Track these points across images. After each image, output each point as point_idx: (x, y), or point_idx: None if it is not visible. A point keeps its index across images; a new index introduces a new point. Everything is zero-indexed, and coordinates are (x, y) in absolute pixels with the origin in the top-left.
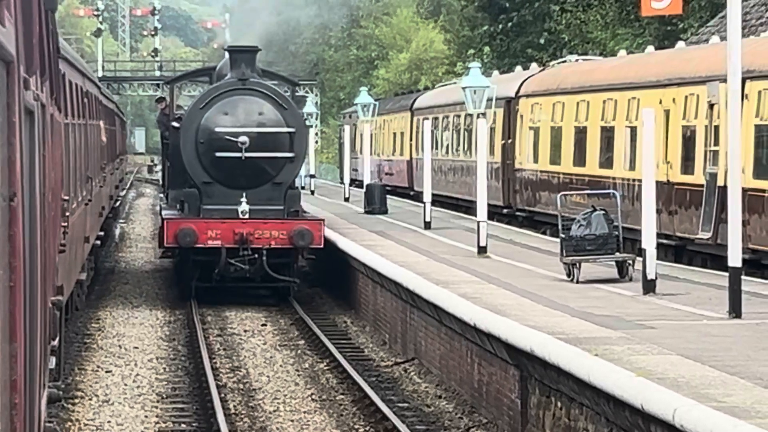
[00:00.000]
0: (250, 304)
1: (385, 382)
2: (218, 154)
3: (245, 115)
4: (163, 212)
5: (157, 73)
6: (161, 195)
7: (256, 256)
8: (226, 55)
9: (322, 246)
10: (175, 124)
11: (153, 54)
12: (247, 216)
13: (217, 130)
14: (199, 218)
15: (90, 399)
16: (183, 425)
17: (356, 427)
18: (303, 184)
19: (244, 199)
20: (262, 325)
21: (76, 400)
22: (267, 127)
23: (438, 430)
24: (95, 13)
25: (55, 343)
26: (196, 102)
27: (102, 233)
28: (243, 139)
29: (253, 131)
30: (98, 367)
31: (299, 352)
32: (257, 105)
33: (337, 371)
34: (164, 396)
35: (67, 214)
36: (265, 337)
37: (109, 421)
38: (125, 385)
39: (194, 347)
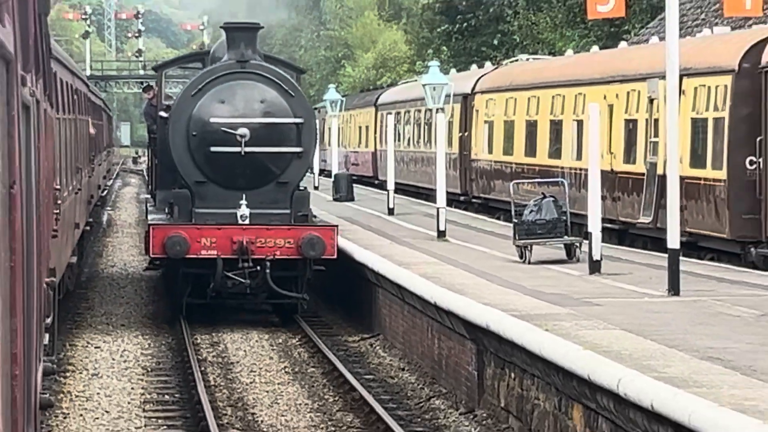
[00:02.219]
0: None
1: (353, 356)
2: (213, 149)
3: (245, 103)
4: (149, 217)
5: (141, 72)
6: (147, 195)
7: (258, 268)
8: (223, 35)
9: (335, 257)
10: (163, 114)
11: (137, 54)
12: (247, 221)
13: (212, 120)
14: (191, 224)
15: (81, 372)
16: (167, 396)
17: (326, 397)
18: None
19: (243, 202)
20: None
21: (68, 374)
22: (270, 118)
23: (401, 400)
24: (83, 16)
25: (49, 320)
26: (187, 88)
27: (91, 220)
28: (242, 131)
29: (254, 122)
30: (88, 343)
31: (273, 329)
32: (259, 91)
33: (308, 346)
34: (149, 369)
35: (59, 202)
36: (243, 315)
37: (98, 393)
38: (113, 359)
39: (176, 325)
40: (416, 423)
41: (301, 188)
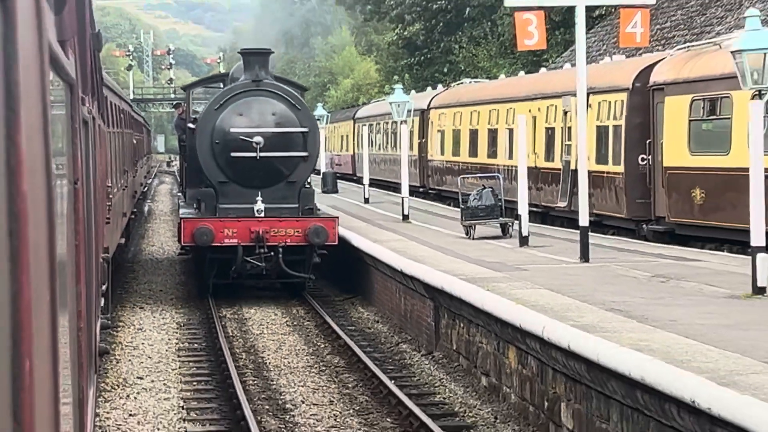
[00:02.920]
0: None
1: (338, 312)
2: (233, 154)
3: (259, 115)
4: (180, 211)
5: (172, 95)
6: (179, 194)
7: (272, 253)
8: (240, 59)
9: (336, 243)
10: (191, 125)
11: (169, 82)
12: (262, 214)
13: (232, 130)
14: (216, 217)
15: (129, 327)
16: (195, 345)
17: (318, 343)
18: None
19: (259, 198)
20: None
21: (119, 328)
22: (281, 127)
23: (376, 345)
24: (127, 53)
25: (104, 287)
26: (211, 103)
27: (135, 210)
28: (258, 139)
29: (267, 131)
30: (134, 305)
31: (278, 293)
32: (271, 105)
33: (305, 304)
34: (182, 324)
35: (111, 196)
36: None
37: (142, 343)
38: (153, 317)
39: (205, 301)
40: (388, 362)
41: (307, 186)
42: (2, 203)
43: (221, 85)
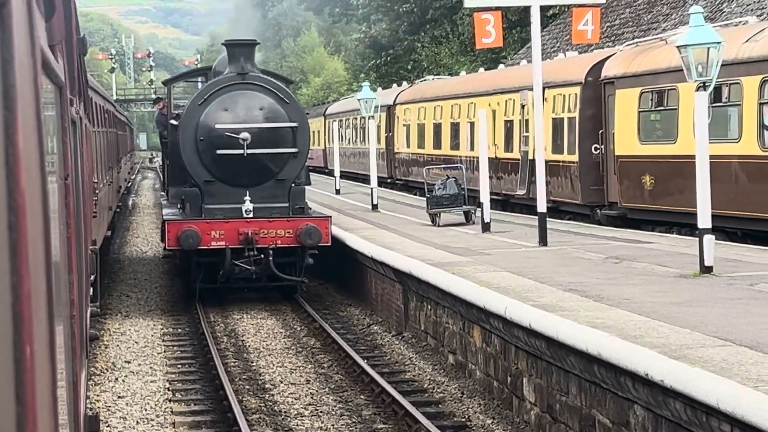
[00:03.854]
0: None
1: (313, 297)
2: (219, 151)
3: (246, 110)
4: (164, 212)
5: (153, 96)
6: (161, 192)
7: (262, 255)
8: (224, 51)
9: (329, 244)
10: (173, 121)
11: (149, 83)
12: (251, 215)
13: (217, 126)
14: (202, 218)
15: (116, 314)
16: (179, 330)
17: (294, 326)
18: None
19: (247, 198)
20: None
21: (107, 316)
22: (269, 122)
23: (349, 327)
24: (110, 57)
25: (93, 277)
26: (194, 98)
27: (120, 204)
28: (244, 135)
29: (254, 127)
30: (121, 293)
31: (267, 294)
32: (258, 100)
33: (281, 289)
34: (166, 311)
35: (97, 191)
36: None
37: (129, 329)
38: (139, 304)
39: (189, 295)
40: (361, 343)
41: (297, 183)
42: (2, 198)
43: (203, 80)
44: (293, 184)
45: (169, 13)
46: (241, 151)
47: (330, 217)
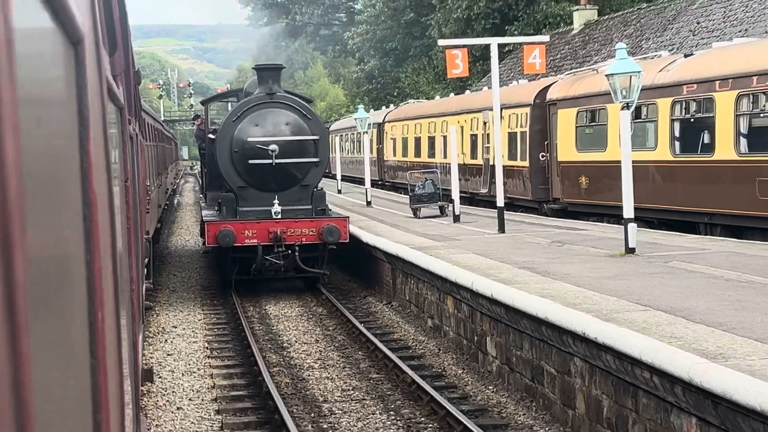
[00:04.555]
0: None
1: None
2: (251, 161)
3: (273, 125)
4: (204, 213)
5: (192, 116)
6: (200, 195)
7: (289, 251)
8: (254, 75)
9: (347, 241)
10: (211, 136)
11: (189, 107)
12: (279, 216)
13: (250, 139)
14: (237, 220)
15: (165, 289)
16: (215, 301)
17: (305, 297)
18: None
19: (276, 201)
20: None
21: (158, 290)
22: (294, 136)
23: (349, 298)
24: (158, 86)
25: (147, 260)
26: (229, 115)
27: (167, 203)
28: (273, 147)
29: (281, 140)
30: (168, 273)
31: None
32: (284, 116)
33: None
34: (205, 286)
35: (149, 192)
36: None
37: (176, 301)
38: (183, 281)
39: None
40: (358, 310)
41: (318, 189)
42: (78, 195)
43: (235, 100)
44: (315, 189)
45: (205, 52)
46: (270, 161)
47: (348, 217)
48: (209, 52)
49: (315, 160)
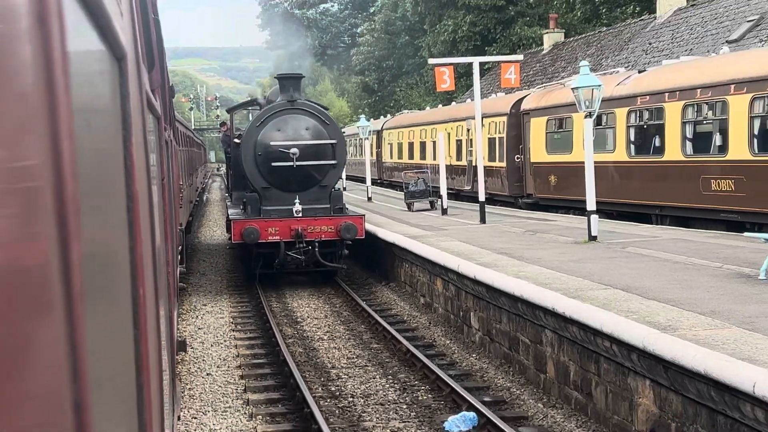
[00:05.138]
0: None
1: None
2: (274, 163)
3: (294, 130)
4: (230, 212)
5: (218, 126)
6: (226, 194)
7: (310, 247)
8: (276, 84)
9: (363, 237)
10: (236, 140)
11: (216, 117)
12: (300, 214)
13: (272, 143)
14: (260, 218)
15: (196, 273)
16: (239, 284)
17: (316, 278)
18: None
19: (297, 201)
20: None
21: (190, 274)
22: (313, 140)
23: (354, 280)
24: (189, 100)
25: (180, 247)
26: (253, 121)
27: (198, 199)
28: (294, 150)
29: (302, 143)
30: (199, 258)
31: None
32: (304, 121)
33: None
34: (230, 270)
35: (182, 189)
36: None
37: (205, 283)
38: (211, 265)
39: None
40: (361, 289)
41: (336, 189)
42: (123, 192)
43: (258, 108)
44: (333, 189)
45: (229, 70)
46: (291, 163)
47: (364, 215)
48: (232, 70)
49: (333, 162)
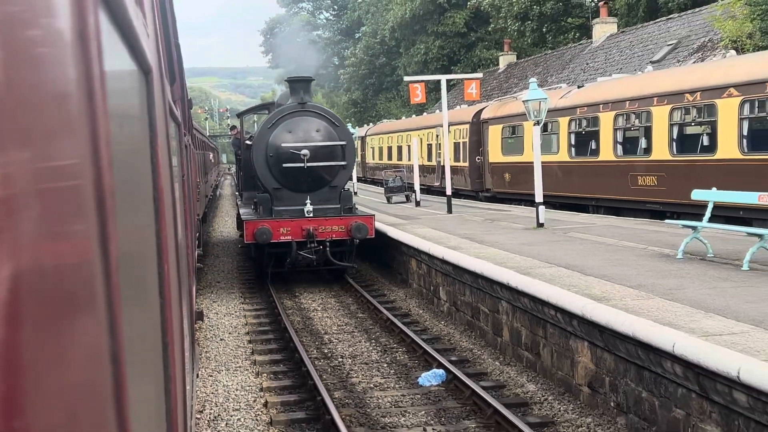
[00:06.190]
0: None
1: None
2: (285, 165)
3: (305, 132)
4: (242, 212)
5: (229, 133)
6: (236, 193)
7: (321, 247)
8: (286, 86)
9: (373, 236)
10: (248, 142)
11: (228, 126)
12: (311, 215)
13: (284, 145)
14: (272, 218)
15: (209, 256)
16: (247, 265)
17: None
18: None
19: (308, 201)
20: None
21: (206, 256)
22: (324, 141)
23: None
24: (204, 111)
25: (197, 234)
26: (264, 123)
27: (212, 194)
28: (305, 151)
29: (312, 145)
30: (213, 243)
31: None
32: (315, 123)
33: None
34: (240, 254)
35: (199, 186)
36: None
37: (219, 263)
38: (224, 250)
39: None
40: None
41: (345, 189)
42: (150, 187)
43: (267, 112)
44: (343, 189)
45: (238, 86)
46: (302, 164)
47: (374, 215)
48: (241, 87)
49: (343, 163)
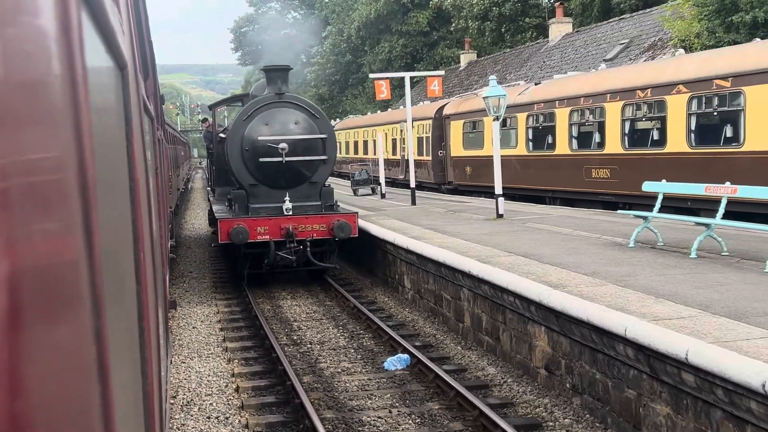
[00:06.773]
0: None
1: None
2: (262, 159)
3: (282, 124)
4: (215, 209)
5: (200, 128)
6: (208, 188)
7: (301, 247)
8: (263, 76)
9: (357, 235)
10: (221, 135)
11: (200, 121)
12: (291, 213)
13: (260, 138)
14: (249, 216)
15: (182, 247)
16: (218, 254)
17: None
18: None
19: (287, 198)
20: None
21: (178, 246)
22: (303, 135)
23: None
24: (176, 107)
25: (170, 225)
26: (239, 115)
27: (183, 187)
28: (283, 145)
29: (290, 138)
30: (185, 235)
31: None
32: (293, 115)
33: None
34: (210, 244)
35: (171, 179)
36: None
37: (191, 255)
38: (195, 240)
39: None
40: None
41: (326, 185)
42: (126, 178)
43: (240, 104)
44: (323, 186)
45: (208, 83)
46: (280, 159)
47: (357, 212)
48: (211, 83)
49: (323, 157)
